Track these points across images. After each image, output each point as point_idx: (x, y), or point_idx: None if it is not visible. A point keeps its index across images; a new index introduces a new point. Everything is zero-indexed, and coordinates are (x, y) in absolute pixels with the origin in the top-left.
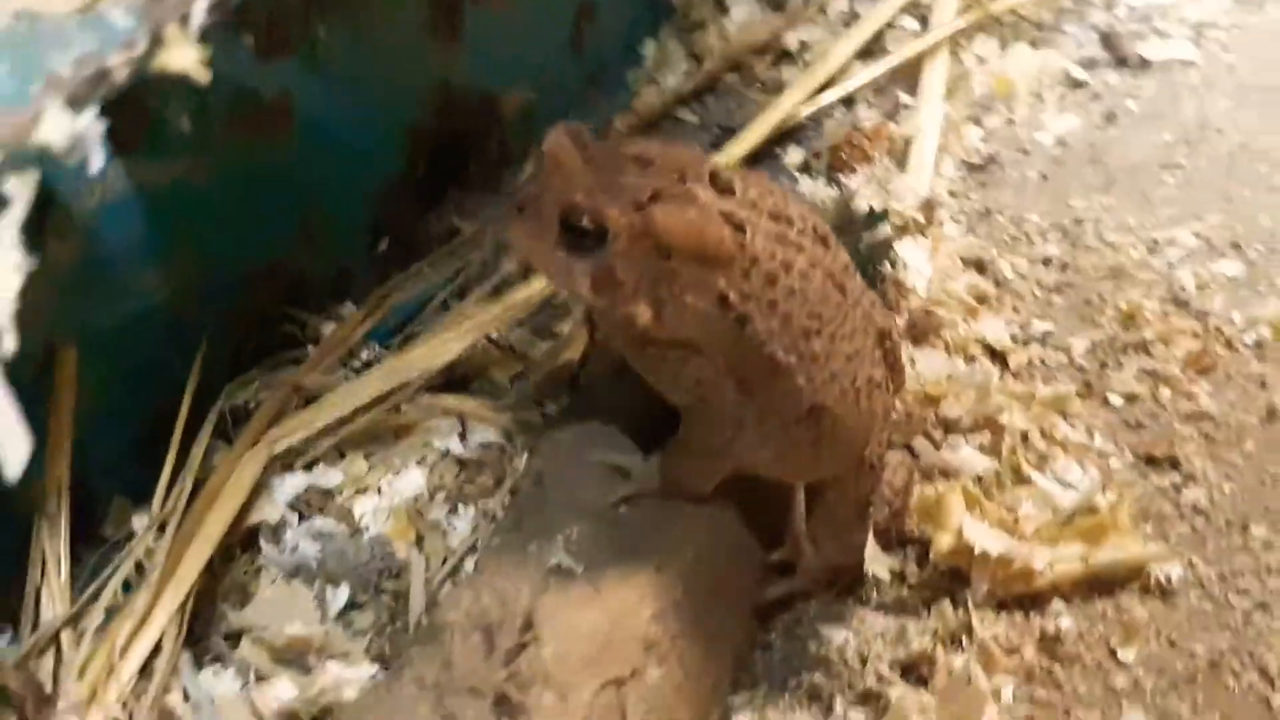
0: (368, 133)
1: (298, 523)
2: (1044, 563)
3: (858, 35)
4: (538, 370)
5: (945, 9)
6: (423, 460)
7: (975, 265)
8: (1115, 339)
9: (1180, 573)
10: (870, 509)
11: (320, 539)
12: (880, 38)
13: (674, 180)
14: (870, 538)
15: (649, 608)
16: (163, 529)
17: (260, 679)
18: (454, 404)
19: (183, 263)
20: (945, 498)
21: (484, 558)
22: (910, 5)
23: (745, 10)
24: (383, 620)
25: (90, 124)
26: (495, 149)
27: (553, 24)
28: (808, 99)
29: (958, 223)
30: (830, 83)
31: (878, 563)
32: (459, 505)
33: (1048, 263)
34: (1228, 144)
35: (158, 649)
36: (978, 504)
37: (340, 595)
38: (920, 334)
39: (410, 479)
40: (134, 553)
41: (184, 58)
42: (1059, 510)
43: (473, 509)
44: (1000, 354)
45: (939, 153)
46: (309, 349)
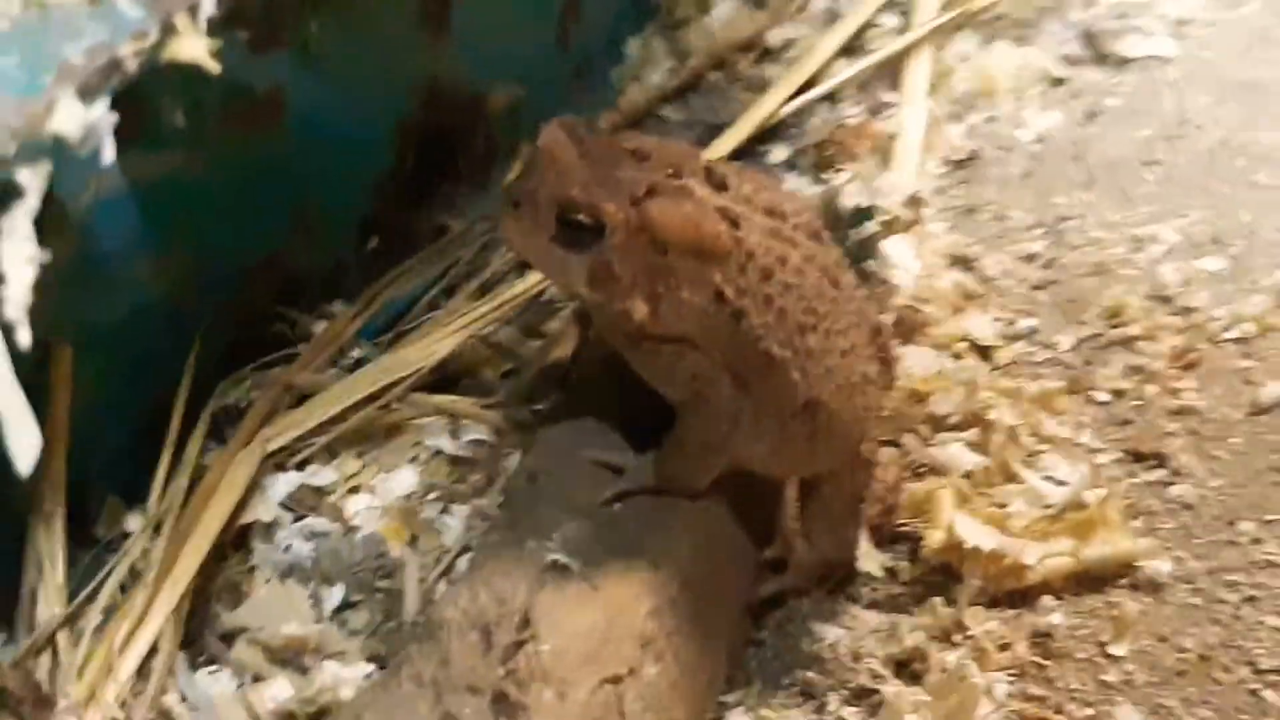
0: (359, 127)
1: (291, 522)
2: (1035, 559)
3: (840, 33)
4: (529, 368)
5: (927, 6)
6: (414, 459)
7: (960, 262)
8: (1101, 335)
9: (1169, 568)
10: (863, 505)
11: (313, 538)
12: (862, 35)
13: (669, 175)
14: (863, 534)
15: (646, 605)
16: (158, 528)
17: (256, 679)
18: (445, 402)
19: (177, 258)
20: (935, 494)
21: (479, 556)
22: (891, 3)
23: (728, 8)
24: (377, 619)
25: (102, 114)
26: (482, 145)
27: (539, 20)
28: (792, 96)
29: (942, 220)
30: (814, 80)
31: (870, 559)
32: (451, 504)
33: (1032, 259)
34: (1207, 140)
35: (154, 649)
36: (968, 500)
37: (334, 595)
38: (907, 331)
39: (402, 478)
40: (130, 553)
41: (194, 48)
42: (1048, 506)
43: (465, 507)
44: (987, 351)
45: (922, 150)
46: (300, 347)
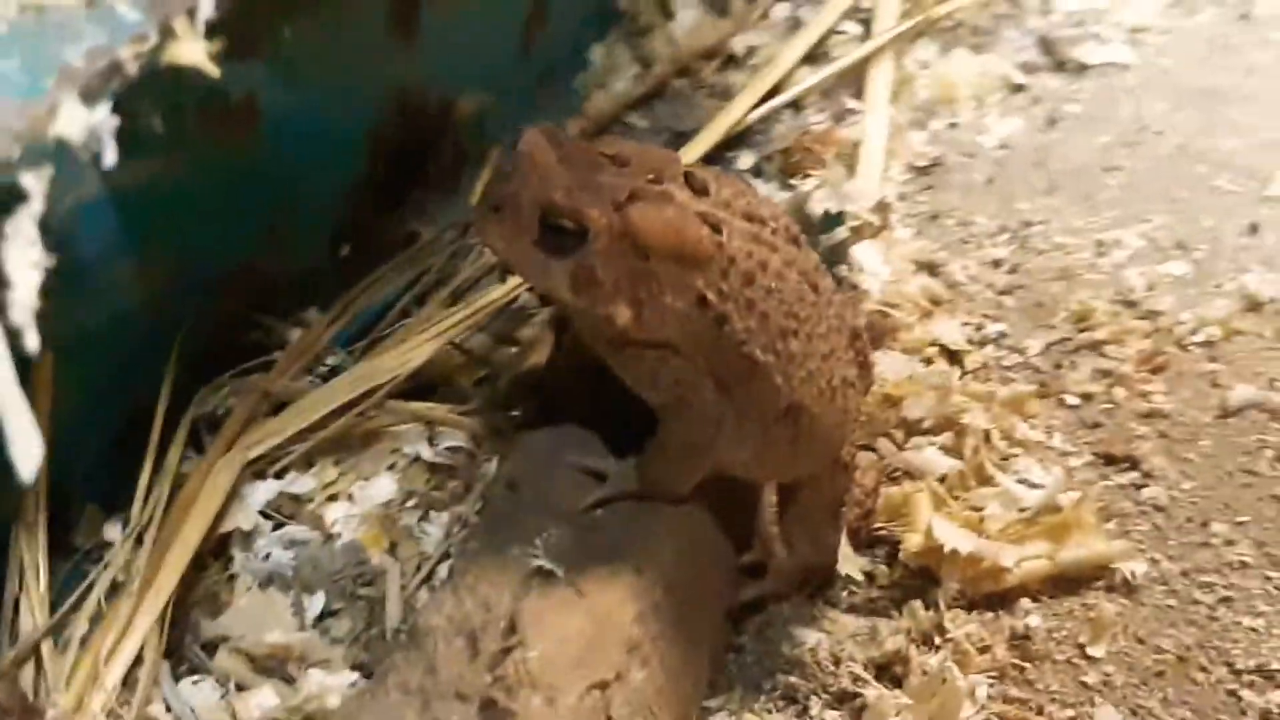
0: (331, 134)
1: (270, 530)
2: (1012, 561)
3: (803, 40)
4: (505, 374)
5: (887, 14)
6: (392, 466)
7: (927, 268)
8: (1069, 340)
9: (1144, 570)
10: (843, 509)
11: (293, 546)
12: (824, 43)
13: (650, 180)
14: (843, 538)
15: (631, 609)
16: (139, 537)
17: (240, 688)
18: (422, 410)
19: (156, 264)
20: (912, 498)
21: (461, 563)
22: (852, 10)
23: (691, 15)
24: (359, 627)
25: (104, 117)
26: (450, 152)
27: (505, 27)
28: (757, 104)
29: (907, 226)
30: (778, 88)
31: (849, 563)
32: (430, 511)
33: (998, 265)
34: (1167, 146)
35: (139, 659)
36: (944, 504)
37: (316, 603)
38: (878, 336)
39: (381, 485)
40: (114, 562)
41: (194, 52)
42: (1023, 509)
43: (444, 515)
44: (956, 355)
45: (886, 156)
46: (276, 354)
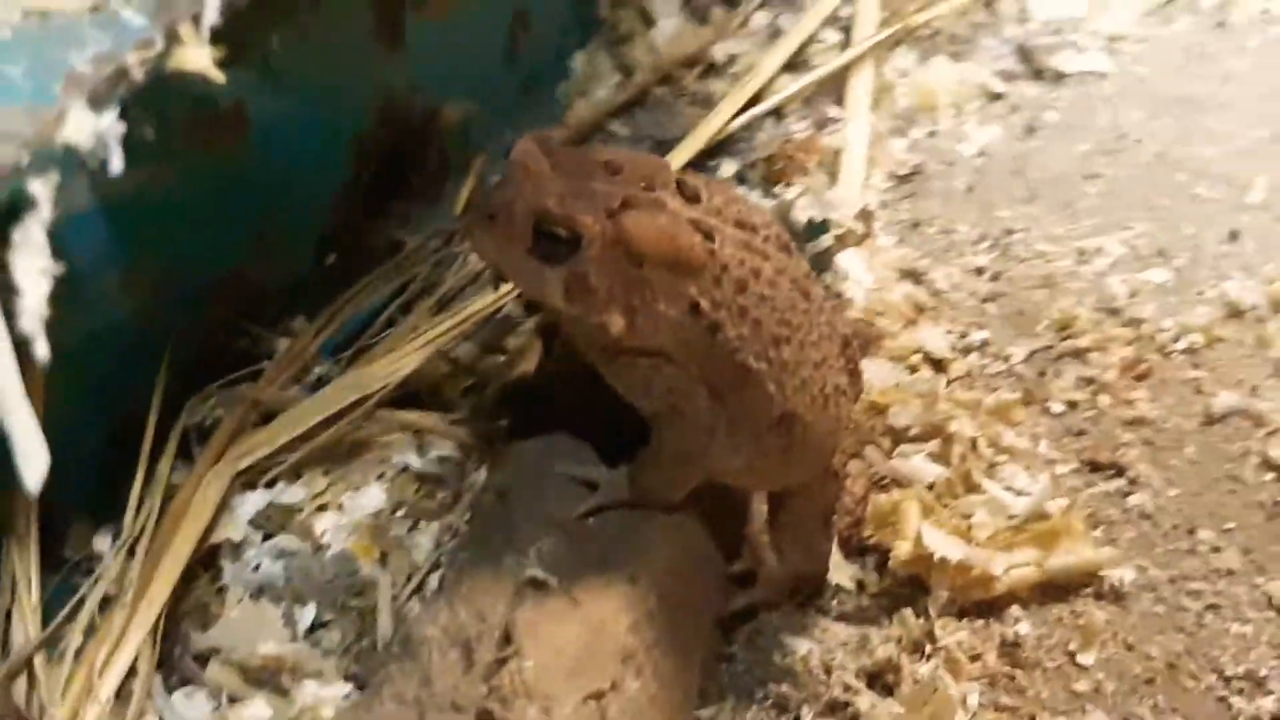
0: (318, 142)
1: (260, 541)
2: (1002, 569)
3: (784, 48)
4: (494, 383)
5: (866, 22)
6: (381, 476)
7: (910, 275)
8: (1052, 347)
9: (1132, 577)
10: (834, 517)
11: (283, 557)
12: (804, 51)
13: (642, 188)
14: (834, 547)
15: (626, 619)
16: (131, 549)
17: (233, 700)
18: (412, 419)
19: (144, 273)
20: (901, 506)
21: (452, 573)
22: (831, 19)
23: (672, 24)
24: (350, 638)
25: (111, 124)
26: (435, 160)
27: (490, 34)
28: (739, 112)
29: (889, 234)
30: (759, 96)
31: (840, 571)
32: (420, 521)
33: (980, 273)
34: (1145, 154)
35: (133, 671)
36: (932, 512)
37: (307, 614)
38: (863, 344)
39: (370, 495)
40: (107, 574)
41: (199, 58)
42: (1011, 517)
43: (434, 524)
44: (941, 363)
45: (867, 164)
46: (264, 363)
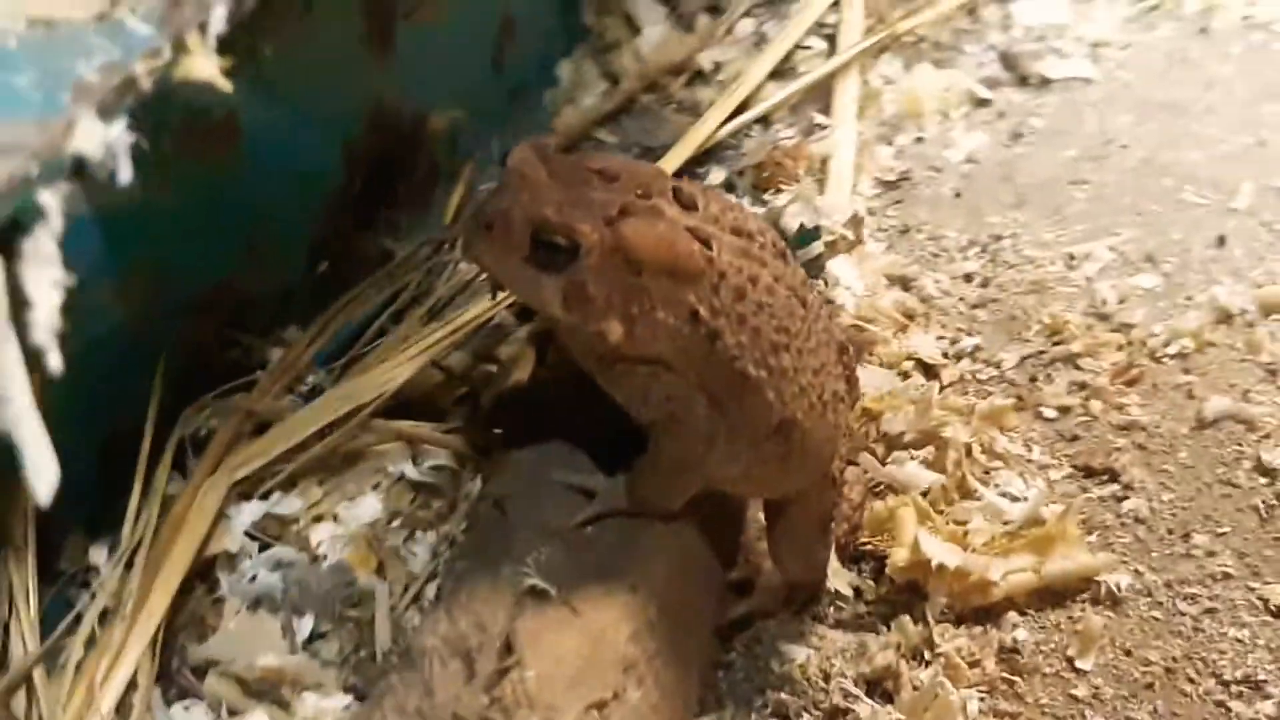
0: (308, 151)
1: (256, 552)
2: (999, 575)
3: (771, 56)
4: (488, 392)
5: (851, 30)
6: (377, 486)
7: (900, 282)
8: (1043, 353)
9: (1128, 582)
10: (832, 524)
11: (280, 568)
12: (790, 58)
13: (639, 195)
14: (832, 554)
15: (627, 628)
16: (130, 561)
17: (232, 713)
18: (406, 428)
19: (137, 284)
20: (897, 512)
21: (451, 583)
22: (815, 26)
23: (657, 31)
24: (347, 649)
25: (120, 134)
26: (424, 168)
27: (477, 41)
28: (727, 119)
29: (878, 240)
30: (747, 103)
31: (837, 578)
32: (416, 530)
33: (969, 279)
34: (1132, 159)
35: (133, 684)
36: (928, 518)
37: (305, 625)
38: (856, 350)
39: (366, 505)
40: (105, 587)
41: (206, 67)
42: (1007, 522)
43: (430, 534)
44: (933, 369)
45: (855, 171)
46: (258, 374)
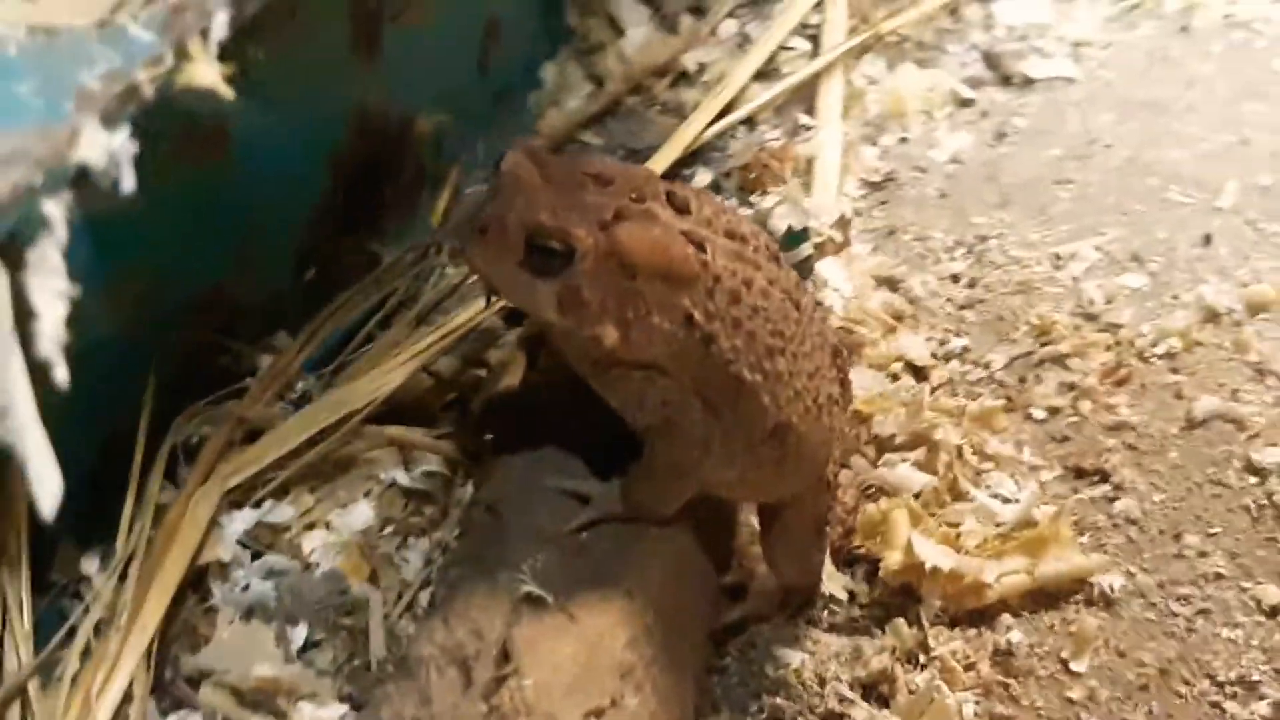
0: (297, 156)
1: (249, 561)
2: (993, 577)
3: (755, 57)
4: (479, 397)
5: (835, 30)
6: (369, 493)
7: (887, 283)
8: (1031, 353)
9: (1121, 583)
10: (827, 528)
11: (272, 576)
12: (774, 59)
13: (632, 199)
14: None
15: (624, 634)
16: (124, 571)
17: None
18: (398, 434)
19: (128, 291)
20: (890, 515)
21: (445, 590)
22: (799, 27)
23: (641, 33)
24: (341, 658)
25: (123, 142)
26: (410, 172)
27: (463, 43)
28: (712, 121)
29: (864, 241)
30: (732, 104)
31: (832, 582)
32: (408, 537)
33: (956, 279)
34: (1116, 158)
35: (128, 696)
36: (920, 520)
37: (299, 634)
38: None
39: (358, 512)
40: (101, 597)
41: (208, 73)
42: (999, 524)
43: (423, 541)
44: (922, 371)
45: (840, 172)
46: (248, 380)
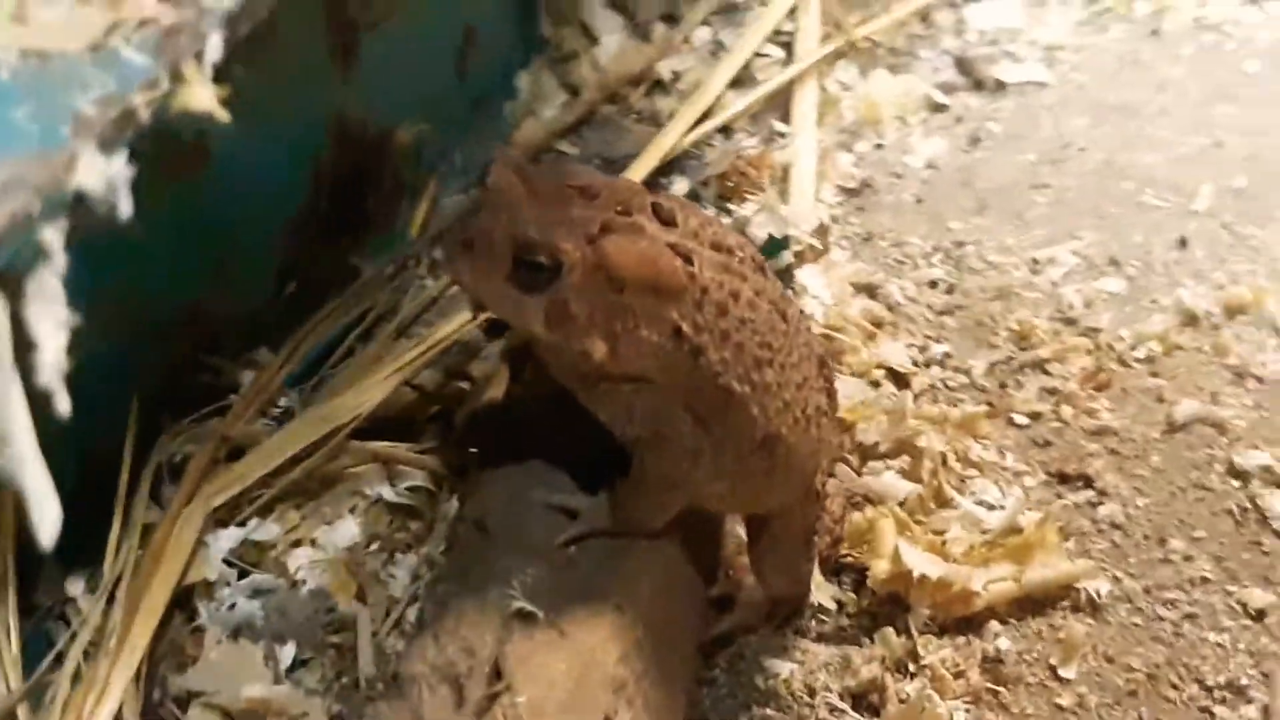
0: (276, 170)
1: (235, 579)
2: (981, 584)
3: (730, 65)
4: (461, 411)
5: (808, 37)
6: (354, 509)
7: (866, 290)
8: (1012, 359)
9: (1108, 588)
10: (815, 538)
11: (259, 595)
12: (749, 66)
13: (619, 212)
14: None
15: (615, 649)
16: (111, 593)
17: None
18: (382, 449)
19: (108, 310)
20: (877, 523)
21: (434, 607)
22: (772, 35)
23: (615, 41)
24: (330, 677)
25: (120, 167)
26: (389, 183)
27: (440, 52)
28: (688, 129)
29: (842, 248)
30: (707, 113)
31: (820, 591)
32: (395, 553)
33: (935, 285)
34: (1091, 162)
35: (118, 719)
36: (906, 528)
37: (287, 653)
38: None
39: (344, 529)
40: (89, 620)
41: (204, 97)
42: (985, 531)
43: (409, 556)
44: (903, 378)
45: (817, 179)
46: (230, 398)
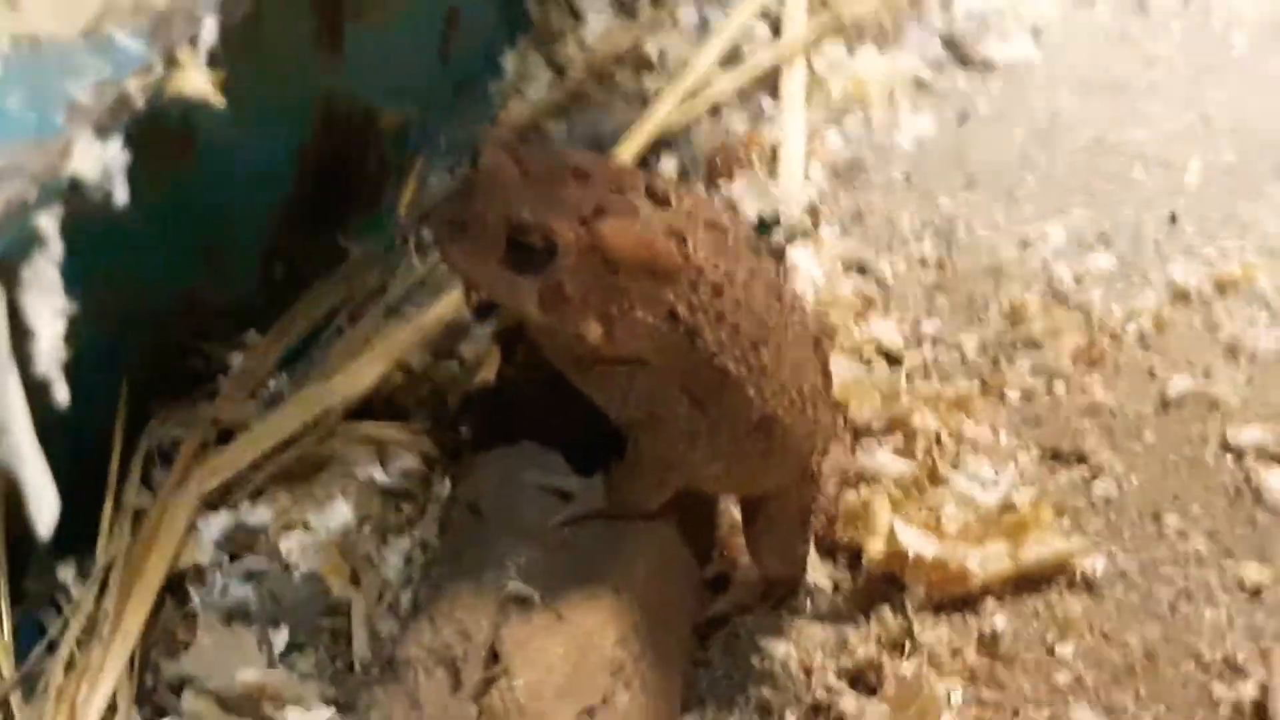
0: (262, 154)
1: (227, 563)
2: (977, 563)
3: (717, 43)
4: (453, 392)
5: (796, 14)
6: (346, 491)
7: (856, 268)
8: (1003, 336)
9: (1104, 565)
10: (811, 519)
11: (252, 579)
12: (736, 45)
13: (613, 193)
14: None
15: (613, 631)
16: (104, 580)
17: None
18: (373, 431)
19: (97, 296)
20: (871, 503)
21: (429, 590)
22: (760, 12)
23: (601, 20)
24: (325, 661)
25: (116, 154)
26: (375, 165)
27: (425, 33)
28: (676, 108)
29: (832, 227)
30: (695, 91)
31: (815, 571)
32: (388, 535)
33: (925, 263)
34: (1080, 139)
35: (113, 706)
36: (901, 507)
37: (280, 638)
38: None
39: (336, 512)
40: (82, 607)
41: (198, 82)
42: (980, 509)
43: (402, 539)
44: (895, 356)
45: (806, 157)
46: (219, 380)
